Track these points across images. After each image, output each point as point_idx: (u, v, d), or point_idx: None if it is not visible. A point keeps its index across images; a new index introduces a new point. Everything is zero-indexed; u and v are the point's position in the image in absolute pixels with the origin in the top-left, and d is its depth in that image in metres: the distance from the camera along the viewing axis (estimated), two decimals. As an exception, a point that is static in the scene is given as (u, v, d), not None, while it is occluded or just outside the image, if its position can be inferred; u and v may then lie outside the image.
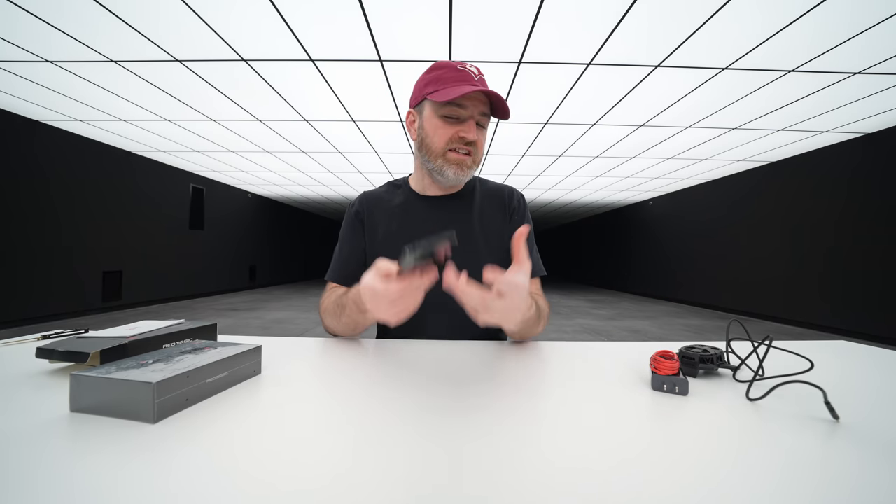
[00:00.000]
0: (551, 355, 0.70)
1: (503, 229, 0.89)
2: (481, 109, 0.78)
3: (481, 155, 0.82)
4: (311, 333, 4.29)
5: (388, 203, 0.91)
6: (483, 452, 0.35)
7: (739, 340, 0.71)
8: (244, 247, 8.82)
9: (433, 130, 0.79)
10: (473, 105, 0.77)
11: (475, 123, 0.78)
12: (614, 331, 4.75)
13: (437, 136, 0.79)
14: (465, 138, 0.77)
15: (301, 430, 0.39)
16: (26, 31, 2.59)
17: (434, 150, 0.80)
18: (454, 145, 0.78)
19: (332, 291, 0.85)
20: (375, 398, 0.48)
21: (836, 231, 4.69)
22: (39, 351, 0.53)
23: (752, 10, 2.26)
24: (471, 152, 0.79)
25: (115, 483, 0.29)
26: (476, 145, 0.79)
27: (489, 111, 0.80)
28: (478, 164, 0.82)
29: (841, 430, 0.41)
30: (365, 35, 2.62)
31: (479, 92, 0.74)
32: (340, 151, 5.39)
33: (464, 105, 0.76)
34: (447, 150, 0.78)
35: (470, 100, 0.76)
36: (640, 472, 0.32)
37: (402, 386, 0.53)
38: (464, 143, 0.78)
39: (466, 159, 0.79)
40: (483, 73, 0.79)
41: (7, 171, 4.19)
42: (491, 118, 0.83)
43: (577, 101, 3.63)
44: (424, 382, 0.54)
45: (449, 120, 0.78)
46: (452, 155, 0.78)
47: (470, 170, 0.81)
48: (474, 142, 0.78)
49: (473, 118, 0.78)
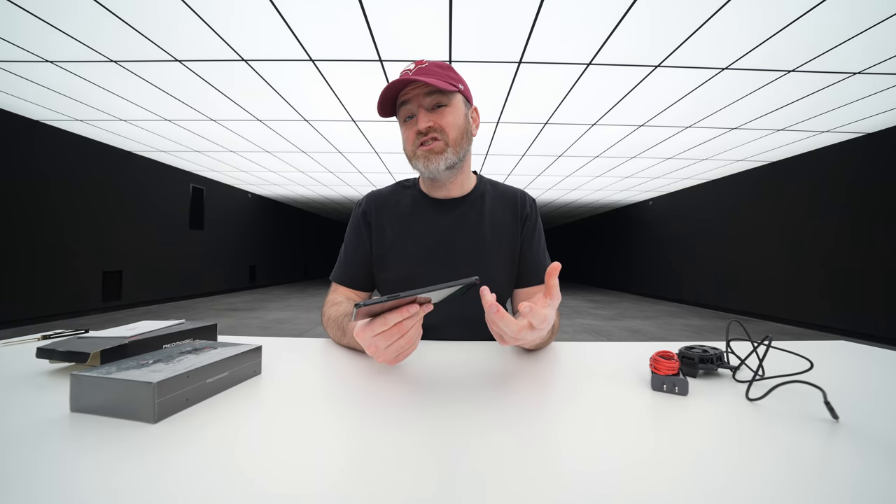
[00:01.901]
0: (551, 355, 0.70)
1: (514, 234, 0.88)
2: (424, 92, 0.76)
3: (455, 135, 0.79)
4: (311, 333, 4.29)
5: (397, 204, 0.89)
6: (483, 453, 0.35)
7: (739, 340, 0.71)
8: (244, 247, 8.82)
9: (403, 137, 0.83)
10: (415, 96, 0.77)
11: (425, 110, 0.77)
12: (614, 331, 4.75)
13: (405, 141, 0.82)
14: (419, 130, 0.77)
15: (301, 430, 0.39)
16: (26, 31, 2.59)
17: (408, 153, 0.82)
18: (418, 141, 0.78)
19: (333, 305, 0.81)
20: (375, 398, 0.48)
21: (836, 231, 4.69)
22: (40, 351, 0.53)
23: (753, 10, 2.26)
24: (437, 138, 0.78)
25: (116, 483, 0.29)
26: (438, 128, 0.77)
27: (437, 89, 0.76)
28: (454, 146, 0.79)
29: (841, 430, 0.41)
30: (365, 35, 2.62)
31: (411, 81, 0.75)
32: (340, 151, 5.39)
33: (406, 101, 0.78)
34: (415, 148, 0.79)
35: (408, 93, 0.77)
36: (640, 473, 0.32)
37: (402, 386, 0.53)
38: (422, 136, 0.78)
39: (433, 146, 0.78)
40: (426, 62, 0.78)
41: (7, 171, 4.19)
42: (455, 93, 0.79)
43: (577, 101, 3.63)
44: (424, 382, 0.54)
45: (408, 122, 0.80)
46: (419, 150, 0.79)
47: (440, 155, 0.78)
48: (429, 127, 0.77)
49: (422, 106, 0.77)
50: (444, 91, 0.76)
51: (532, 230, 0.89)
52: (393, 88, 0.76)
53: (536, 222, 0.91)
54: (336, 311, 0.77)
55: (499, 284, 0.84)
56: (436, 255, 0.84)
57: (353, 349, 0.71)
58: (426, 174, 0.81)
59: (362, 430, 0.39)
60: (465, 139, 0.81)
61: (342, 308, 0.77)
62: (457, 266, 0.84)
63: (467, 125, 0.82)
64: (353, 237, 0.90)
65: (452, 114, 0.78)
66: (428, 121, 0.77)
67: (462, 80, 0.83)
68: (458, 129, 0.79)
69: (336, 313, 0.75)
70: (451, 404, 0.46)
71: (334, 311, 0.77)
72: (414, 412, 0.44)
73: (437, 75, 0.76)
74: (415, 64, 0.78)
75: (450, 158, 0.79)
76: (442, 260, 0.84)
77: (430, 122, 0.77)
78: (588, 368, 0.62)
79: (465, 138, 0.81)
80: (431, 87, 0.75)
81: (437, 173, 0.80)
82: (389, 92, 0.76)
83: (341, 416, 0.43)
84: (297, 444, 0.36)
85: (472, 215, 0.87)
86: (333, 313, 0.76)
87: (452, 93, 0.78)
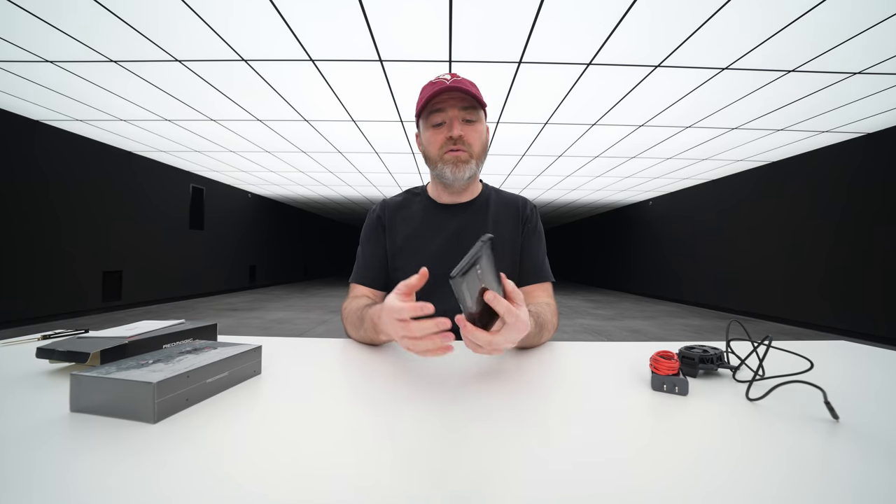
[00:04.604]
0: (551, 355, 0.70)
1: (515, 235, 0.92)
2: (460, 105, 0.82)
3: (478, 150, 0.85)
4: (311, 333, 4.29)
5: (408, 210, 0.95)
6: (483, 453, 0.35)
7: (739, 340, 0.71)
8: (244, 247, 8.82)
9: (428, 141, 0.86)
10: (450, 106, 0.82)
11: (458, 121, 0.82)
12: (614, 331, 4.74)
13: (431, 144, 0.85)
14: (451, 136, 0.82)
15: (301, 430, 0.39)
16: (26, 31, 2.59)
17: (432, 157, 0.86)
18: (446, 147, 0.83)
19: (354, 298, 0.86)
20: (376, 398, 0.48)
21: (836, 231, 4.69)
22: (39, 351, 0.53)
23: (753, 10, 2.26)
24: (463, 149, 0.83)
25: (115, 483, 0.29)
26: (465, 141, 0.83)
27: (472, 104, 0.83)
28: (476, 159, 0.85)
29: (841, 429, 0.41)
30: (365, 35, 2.61)
31: (453, 91, 0.80)
32: (340, 151, 5.39)
33: (441, 109, 0.82)
34: (442, 153, 0.84)
35: (445, 102, 0.82)
36: (640, 472, 0.32)
37: (403, 386, 0.53)
38: (452, 143, 0.82)
39: (461, 154, 0.83)
40: (458, 75, 0.83)
41: (7, 171, 4.19)
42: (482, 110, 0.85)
43: (577, 101, 3.63)
44: (424, 382, 0.54)
45: (437, 127, 0.84)
46: (447, 155, 0.83)
47: (466, 165, 0.84)
48: (461, 137, 0.82)
49: (456, 117, 0.82)
50: (475, 107, 0.83)
51: (532, 231, 0.93)
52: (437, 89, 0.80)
53: (537, 224, 0.95)
54: (355, 304, 0.81)
55: None
56: (444, 256, 0.87)
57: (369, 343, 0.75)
58: (449, 179, 0.86)
59: (362, 430, 0.39)
60: (484, 153, 0.89)
61: (361, 302, 0.81)
62: None
63: (487, 140, 0.90)
64: (369, 240, 0.94)
65: (478, 130, 0.85)
66: (460, 131, 0.82)
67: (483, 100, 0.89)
68: (481, 145, 0.86)
69: (355, 306, 0.79)
70: (452, 404, 0.46)
71: (353, 305, 0.81)
72: (414, 412, 0.44)
73: (471, 87, 0.82)
74: (450, 75, 0.83)
75: (472, 170, 0.85)
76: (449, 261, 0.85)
77: (462, 132, 0.82)
78: (588, 368, 0.62)
79: (484, 152, 0.89)
80: (468, 99, 0.82)
81: (461, 180, 0.86)
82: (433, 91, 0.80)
83: (341, 416, 0.43)
84: (297, 443, 0.36)
85: (477, 220, 0.92)
86: (353, 307, 0.80)
87: (480, 110, 0.85)
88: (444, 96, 0.81)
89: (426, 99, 0.81)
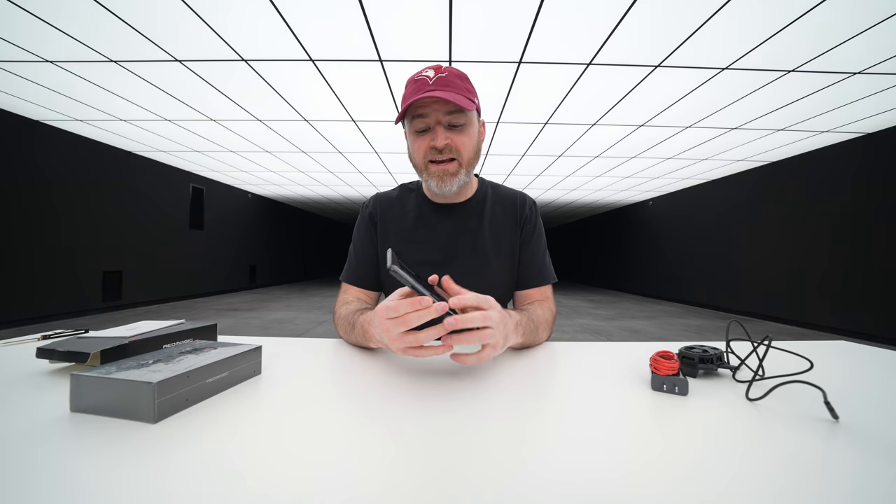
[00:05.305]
0: (551, 356, 0.70)
1: (513, 238, 0.88)
2: (444, 110, 0.73)
3: (469, 155, 0.78)
4: (311, 333, 4.30)
5: (401, 207, 0.90)
6: (482, 453, 0.35)
7: (739, 340, 0.71)
8: (244, 247, 8.82)
9: (412, 146, 0.80)
10: (434, 111, 0.73)
11: (443, 127, 0.74)
12: (614, 331, 4.74)
13: (415, 151, 0.79)
14: (435, 147, 0.74)
15: (301, 430, 0.39)
16: (26, 31, 2.59)
17: (417, 164, 0.80)
18: (431, 156, 0.76)
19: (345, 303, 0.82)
20: (375, 398, 0.48)
21: (836, 231, 4.69)
22: (39, 351, 0.53)
23: (753, 9, 2.26)
24: (454, 158, 0.76)
25: (115, 483, 0.29)
26: (453, 147, 0.75)
27: (457, 108, 0.73)
28: (467, 166, 0.78)
29: (841, 430, 0.41)
30: (365, 35, 2.61)
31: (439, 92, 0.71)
32: (340, 151, 5.39)
33: (425, 114, 0.74)
34: (427, 162, 0.77)
35: (428, 106, 0.73)
36: (640, 472, 0.32)
37: (402, 386, 0.53)
38: (437, 152, 0.75)
39: (448, 167, 0.76)
40: (445, 70, 0.74)
41: (7, 171, 4.19)
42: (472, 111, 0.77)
43: (577, 101, 3.63)
44: (424, 382, 0.54)
45: (420, 133, 0.77)
46: (432, 167, 0.77)
47: (454, 177, 0.77)
48: (447, 145, 0.74)
49: (440, 123, 0.74)
50: (463, 110, 0.74)
51: (531, 232, 0.89)
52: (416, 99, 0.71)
53: (536, 224, 0.90)
54: (347, 309, 0.78)
55: (498, 289, 0.84)
56: (436, 260, 0.84)
57: (361, 347, 0.72)
58: (435, 191, 0.81)
59: (363, 430, 0.39)
60: (476, 157, 0.81)
61: (353, 307, 0.78)
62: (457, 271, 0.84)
63: (479, 142, 0.81)
64: (361, 238, 0.90)
65: (468, 133, 0.77)
66: (445, 139, 0.74)
67: (476, 93, 0.81)
68: (471, 150, 0.78)
69: (347, 311, 0.77)
70: (452, 404, 0.46)
71: (345, 310, 0.78)
72: (414, 412, 0.44)
73: (456, 88, 0.73)
74: (434, 71, 0.73)
75: (462, 179, 0.79)
76: (442, 265, 0.84)
77: (448, 139, 0.74)
78: (588, 368, 0.62)
79: (476, 156, 0.81)
80: (452, 104, 0.72)
81: (448, 192, 0.80)
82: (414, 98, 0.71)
83: (341, 416, 0.43)
84: (298, 444, 0.36)
85: (472, 221, 0.87)
86: (344, 311, 0.78)
87: (470, 111, 0.75)
88: (427, 100, 0.73)
89: (407, 104, 0.72)
